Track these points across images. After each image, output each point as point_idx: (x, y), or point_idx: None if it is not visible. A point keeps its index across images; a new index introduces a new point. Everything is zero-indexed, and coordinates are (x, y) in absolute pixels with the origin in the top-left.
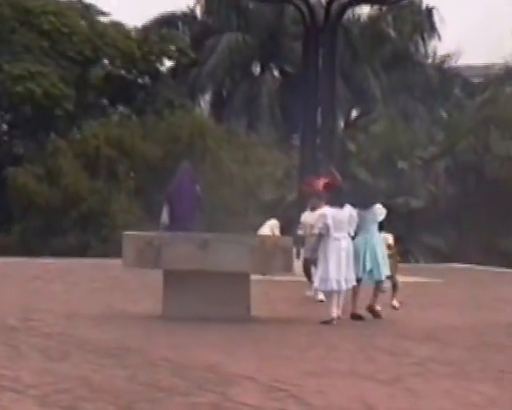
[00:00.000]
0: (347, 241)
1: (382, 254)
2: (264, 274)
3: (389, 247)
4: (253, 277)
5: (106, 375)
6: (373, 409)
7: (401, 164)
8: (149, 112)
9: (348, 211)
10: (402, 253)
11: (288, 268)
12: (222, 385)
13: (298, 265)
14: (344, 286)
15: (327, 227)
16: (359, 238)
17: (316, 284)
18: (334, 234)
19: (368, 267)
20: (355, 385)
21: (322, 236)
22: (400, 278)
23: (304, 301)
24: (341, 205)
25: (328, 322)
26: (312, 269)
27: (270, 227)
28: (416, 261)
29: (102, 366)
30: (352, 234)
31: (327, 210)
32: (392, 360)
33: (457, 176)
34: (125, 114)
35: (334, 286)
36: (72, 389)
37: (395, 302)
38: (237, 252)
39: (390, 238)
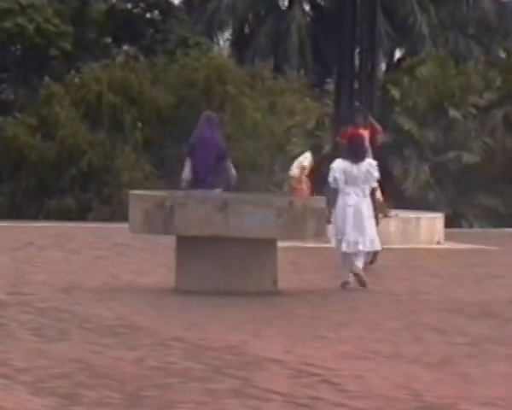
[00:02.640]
0: (359, 198)
1: None
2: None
3: None
4: (281, 243)
5: (110, 358)
6: (419, 396)
7: (452, 113)
8: (159, 52)
9: (366, 166)
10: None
11: (321, 233)
12: (244, 369)
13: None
14: (350, 248)
15: (336, 181)
16: None
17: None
18: (345, 189)
19: None
20: (399, 369)
21: (336, 190)
22: (452, 245)
23: (339, 271)
24: (359, 159)
25: (343, 285)
26: None
27: (299, 163)
28: (470, 226)
29: (106, 346)
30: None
31: (337, 163)
32: (441, 340)
33: None
34: (131, 54)
35: (339, 245)
36: (71, 374)
37: None
38: (262, 215)
39: None
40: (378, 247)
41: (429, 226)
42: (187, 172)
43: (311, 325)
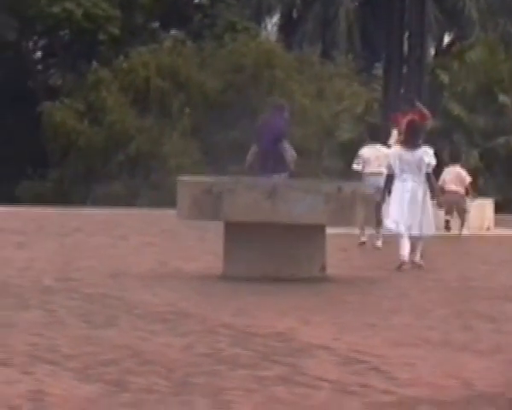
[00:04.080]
0: (415, 184)
1: None
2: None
3: None
4: (330, 230)
5: (157, 344)
6: (469, 385)
7: (502, 98)
8: (207, 37)
9: (420, 153)
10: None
11: (370, 219)
12: (292, 356)
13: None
14: (403, 229)
15: (390, 167)
16: None
17: (384, 222)
18: (401, 175)
19: None
20: (448, 357)
21: (391, 176)
22: (502, 232)
23: (389, 258)
24: (414, 146)
25: (399, 267)
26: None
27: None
28: None
29: (154, 333)
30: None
31: (393, 149)
32: (492, 328)
33: None
34: (179, 38)
35: (395, 227)
36: (119, 361)
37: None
38: (310, 201)
39: None
40: (432, 232)
41: (479, 212)
42: (249, 156)
43: (361, 311)
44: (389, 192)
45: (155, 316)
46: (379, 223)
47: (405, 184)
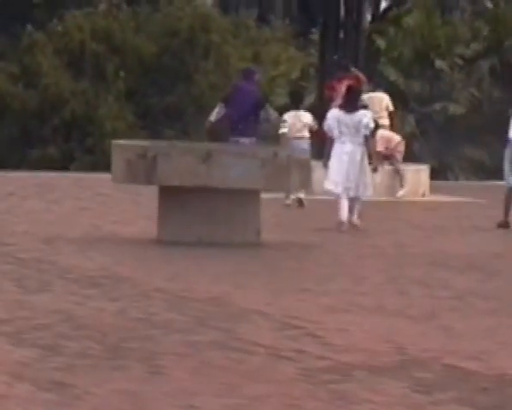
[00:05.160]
0: (354, 146)
1: None
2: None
3: None
4: (265, 195)
5: (91, 309)
6: (403, 350)
7: (439, 63)
8: (143, 1)
9: (359, 116)
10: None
11: (305, 184)
12: (227, 321)
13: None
14: (340, 190)
15: (329, 129)
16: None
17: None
18: (340, 137)
19: None
20: (383, 322)
21: (331, 139)
22: (438, 198)
23: (324, 223)
24: (353, 109)
25: (338, 228)
26: None
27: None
28: (456, 178)
29: (87, 297)
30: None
31: (332, 112)
32: (425, 294)
33: (505, 77)
34: (114, 2)
35: (334, 188)
36: (52, 325)
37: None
38: (246, 166)
39: None
40: (370, 193)
41: (414, 178)
42: (212, 117)
43: (296, 277)
44: (328, 154)
45: (89, 281)
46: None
47: (344, 146)
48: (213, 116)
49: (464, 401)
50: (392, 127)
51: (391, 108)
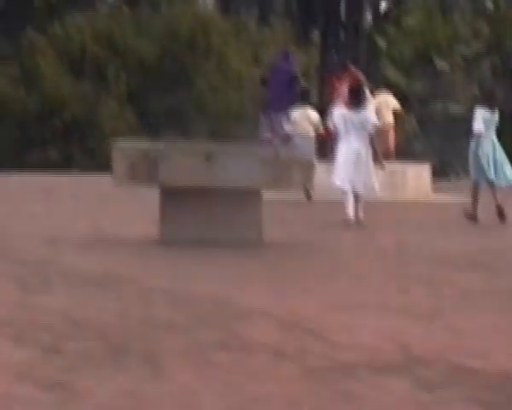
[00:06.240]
0: (359, 144)
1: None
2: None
3: None
4: (267, 195)
5: (93, 309)
6: (406, 348)
7: (439, 63)
8: (144, 3)
9: (365, 114)
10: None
11: (307, 184)
12: (229, 320)
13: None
14: (348, 187)
15: (336, 127)
16: (485, 141)
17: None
18: (346, 135)
19: (498, 169)
20: (386, 321)
21: (337, 136)
22: (439, 197)
23: (326, 223)
24: (358, 107)
25: (344, 223)
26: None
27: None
28: (457, 177)
29: (89, 298)
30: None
31: (337, 110)
32: (429, 292)
33: (505, 77)
34: (115, 5)
35: (341, 184)
36: (54, 326)
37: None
38: (247, 165)
39: None
40: (377, 191)
41: (416, 178)
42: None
43: (298, 276)
44: (334, 152)
45: (91, 281)
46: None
47: (350, 144)
48: (262, 98)
49: (469, 398)
50: (395, 126)
51: (398, 107)
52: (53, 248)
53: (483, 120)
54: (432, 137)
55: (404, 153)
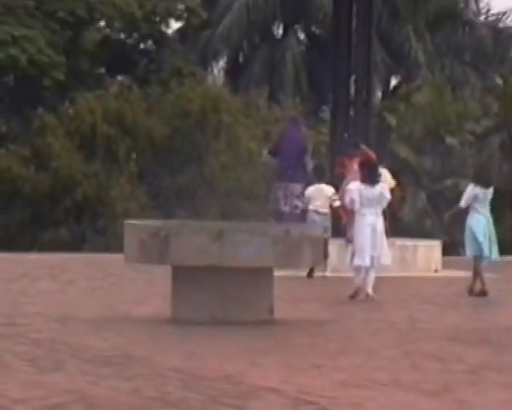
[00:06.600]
0: (375, 217)
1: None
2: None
3: None
4: (277, 273)
5: (105, 388)
6: None
7: (449, 140)
8: (154, 82)
9: (380, 189)
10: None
11: (317, 261)
12: (241, 398)
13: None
14: (368, 262)
15: (352, 202)
16: (479, 217)
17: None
18: (361, 210)
19: (491, 246)
20: (397, 397)
21: (352, 211)
22: (450, 273)
23: (337, 300)
24: (373, 182)
25: (353, 296)
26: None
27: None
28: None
29: (101, 377)
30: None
31: (354, 185)
32: (440, 368)
33: None
34: (125, 84)
35: (362, 262)
36: (67, 405)
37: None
38: (258, 244)
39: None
40: (389, 262)
41: (426, 254)
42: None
43: (308, 353)
44: (350, 228)
45: (103, 360)
46: (326, 256)
47: (365, 219)
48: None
49: None
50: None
51: (392, 183)
52: (65, 327)
53: (473, 197)
54: (442, 213)
55: (415, 230)
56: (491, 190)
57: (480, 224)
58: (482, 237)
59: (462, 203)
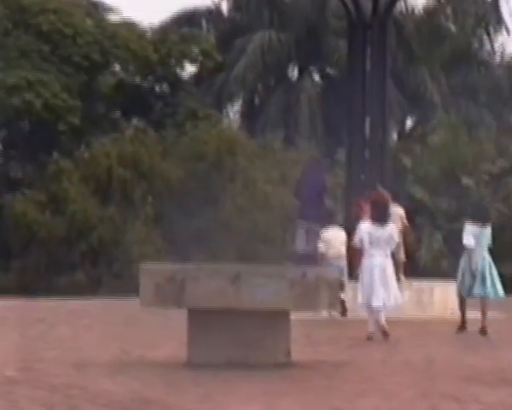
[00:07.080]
0: (383, 258)
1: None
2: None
3: None
4: (294, 315)
5: None
6: None
7: (465, 180)
8: (169, 125)
9: (390, 230)
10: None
11: (334, 304)
12: None
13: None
14: (376, 303)
15: (361, 242)
16: (476, 255)
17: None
18: (369, 250)
19: (488, 283)
20: None
21: (360, 251)
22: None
23: (354, 341)
24: (383, 222)
25: (369, 337)
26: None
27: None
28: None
29: None
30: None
31: (364, 225)
32: (457, 409)
33: None
34: (140, 128)
35: (367, 302)
36: None
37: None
38: (275, 287)
39: None
40: (400, 301)
41: (443, 296)
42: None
43: (326, 395)
44: (357, 267)
45: (119, 405)
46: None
47: (373, 259)
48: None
49: None
50: (404, 241)
51: (405, 222)
52: (81, 372)
53: (472, 235)
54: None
55: (431, 271)
56: (488, 229)
57: (462, 262)
58: (461, 275)
59: (470, 241)
